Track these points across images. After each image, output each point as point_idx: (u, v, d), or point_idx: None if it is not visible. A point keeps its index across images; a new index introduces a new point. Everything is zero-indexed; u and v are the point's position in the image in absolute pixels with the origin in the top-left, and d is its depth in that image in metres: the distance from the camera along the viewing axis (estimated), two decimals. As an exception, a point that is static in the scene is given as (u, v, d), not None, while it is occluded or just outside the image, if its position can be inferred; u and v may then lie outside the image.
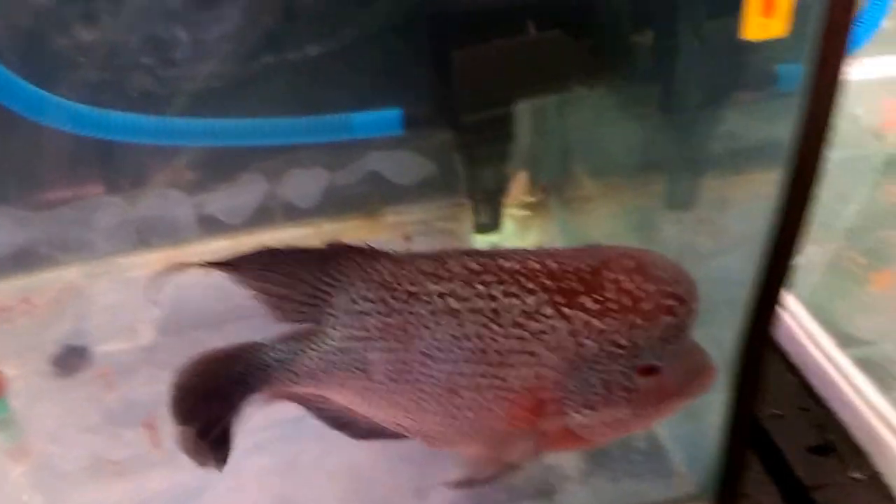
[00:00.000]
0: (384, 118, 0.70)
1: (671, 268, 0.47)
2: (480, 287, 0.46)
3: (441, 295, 0.47)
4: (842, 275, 0.69)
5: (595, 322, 0.45)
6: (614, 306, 0.45)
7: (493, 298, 0.46)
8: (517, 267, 0.46)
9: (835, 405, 0.63)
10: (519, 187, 0.87)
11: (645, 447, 0.65)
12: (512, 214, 0.87)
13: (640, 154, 0.79)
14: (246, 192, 0.79)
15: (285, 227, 0.82)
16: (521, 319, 0.46)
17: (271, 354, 0.51)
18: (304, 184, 0.81)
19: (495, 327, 0.46)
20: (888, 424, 0.60)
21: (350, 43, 0.73)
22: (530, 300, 0.46)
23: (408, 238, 0.84)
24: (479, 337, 0.46)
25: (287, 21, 0.73)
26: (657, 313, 0.45)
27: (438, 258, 0.48)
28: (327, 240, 0.50)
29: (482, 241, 0.83)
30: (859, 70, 0.78)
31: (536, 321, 0.46)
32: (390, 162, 0.83)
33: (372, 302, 0.48)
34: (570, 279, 0.46)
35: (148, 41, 0.69)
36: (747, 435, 0.56)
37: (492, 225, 0.79)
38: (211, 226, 0.80)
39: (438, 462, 0.64)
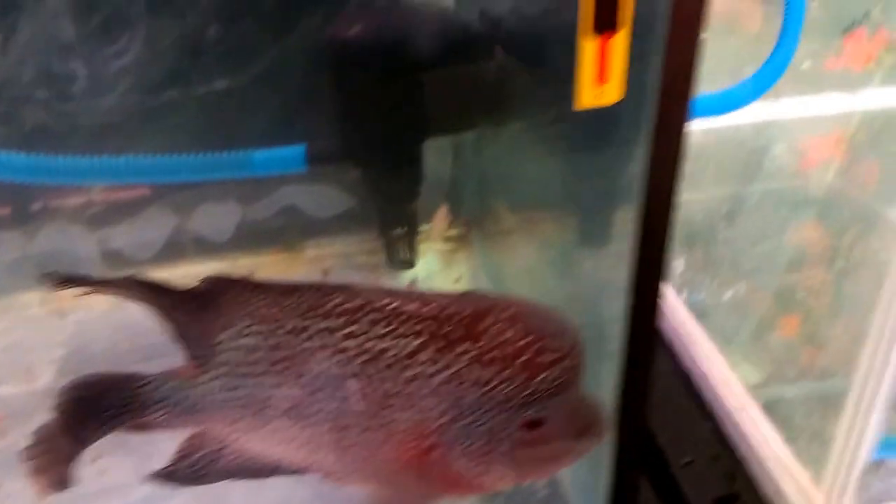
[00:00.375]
0: (287, 155, 0.68)
1: (554, 321, 0.47)
2: (361, 325, 0.45)
3: (324, 331, 0.46)
4: (753, 318, 0.67)
5: (473, 371, 0.44)
6: (492, 356, 0.45)
7: (374, 338, 0.45)
8: (397, 307, 0.46)
9: (745, 454, 0.62)
10: (441, 221, 0.85)
11: (546, 495, 0.63)
12: (434, 248, 0.85)
13: (558, 188, 0.77)
14: (153, 226, 0.77)
15: (198, 261, 0.80)
16: (400, 361, 0.45)
17: (157, 388, 0.49)
18: (217, 218, 0.79)
19: (377, 368, 0.45)
20: (791, 476, 0.58)
21: (256, 77, 0.71)
22: (409, 343, 0.45)
23: (326, 273, 0.82)
24: (362, 376, 0.45)
25: (191, 54, 0.71)
26: (537, 367, 0.44)
27: (322, 293, 0.47)
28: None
29: (404, 277, 0.81)
30: (780, 109, 0.77)
31: (416, 365, 0.45)
32: (307, 195, 0.81)
33: (257, 336, 0.47)
34: (449, 325, 0.45)
35: (42, 74, 0.67)
36: (634, 476, 0.54)
37: (407, 262, 0.77)
38: (117, 261, 0.77)
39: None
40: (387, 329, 0.45)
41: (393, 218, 0.74)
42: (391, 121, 0.69)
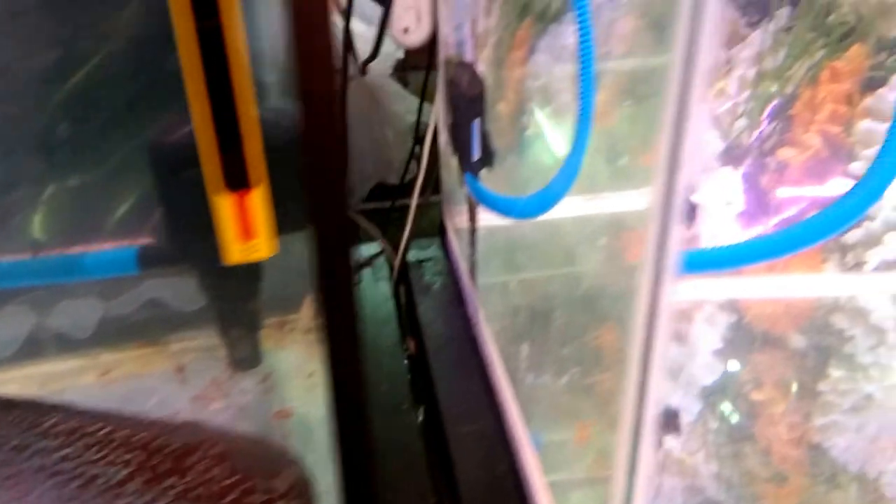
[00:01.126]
0: (118, 257, 0.70)
1: (272, 459, 0.46)
2: (75, 449, 0.45)
3: (42, 451, 0.45)
4: (557, 423, 0.66)
5: None
6: (198, 493, 0.43)
7: (84, 464, 0.44)
8: (109, 433, 0.45)
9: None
10: (308, 311, 0.85)
11: None
12: (299, 339, 0.85)
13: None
14: (12, 324, 0.79)
15: (59, 359, 0.82)
16: (111, 489, 0.44)
17: None
18: (77, 314, 0.81)
19: (88, 495, 0.45)
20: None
21: (97, 178, 0.74)
22: (118, 471, 0.44)
23: (181, 370, 0.83)
24: (78, 502, 0.45)
25: (36, 152, 0.74)
26: None
27: (40, 411, 0.46)
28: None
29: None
30: (599, 203, 0.77)
31: (125, 495, 0.44)
32: (170, 289, 0.82)
33: None
34: (158, 456, 0.44)
35: None
36: None
37: (250, 361, 0.77)
38: (-25, 360, 0.80)
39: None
40: (98, 455, 0.45)
41: (232, 317, 0.75)
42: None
